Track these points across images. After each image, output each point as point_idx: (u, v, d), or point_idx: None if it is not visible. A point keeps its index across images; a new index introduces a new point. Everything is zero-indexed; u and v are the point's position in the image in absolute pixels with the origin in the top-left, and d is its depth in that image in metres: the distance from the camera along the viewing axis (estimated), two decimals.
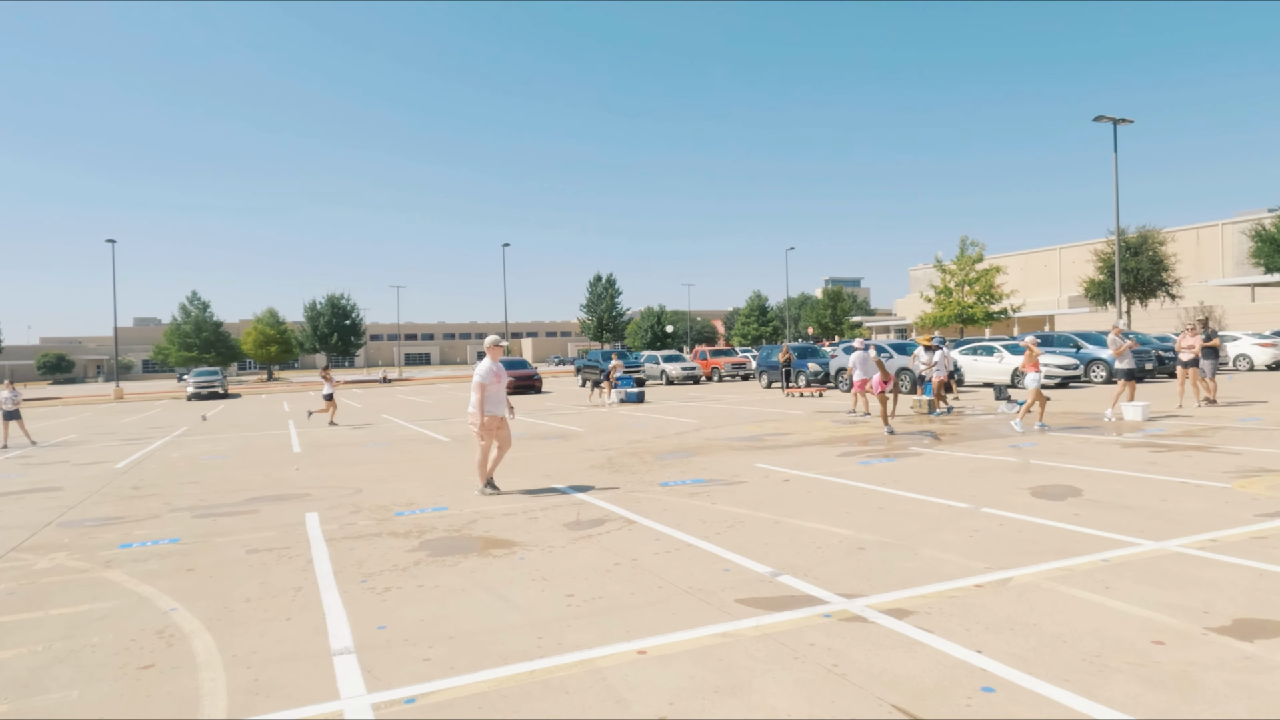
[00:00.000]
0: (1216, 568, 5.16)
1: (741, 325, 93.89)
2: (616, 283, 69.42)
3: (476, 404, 8.71)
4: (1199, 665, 3.67)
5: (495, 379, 8.87)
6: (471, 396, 8.78)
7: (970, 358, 25.04)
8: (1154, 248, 50.46)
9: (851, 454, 11.21)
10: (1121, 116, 31.04)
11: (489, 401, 8.79)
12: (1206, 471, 8.64)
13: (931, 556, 5.71)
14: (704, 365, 38.69)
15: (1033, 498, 7.65)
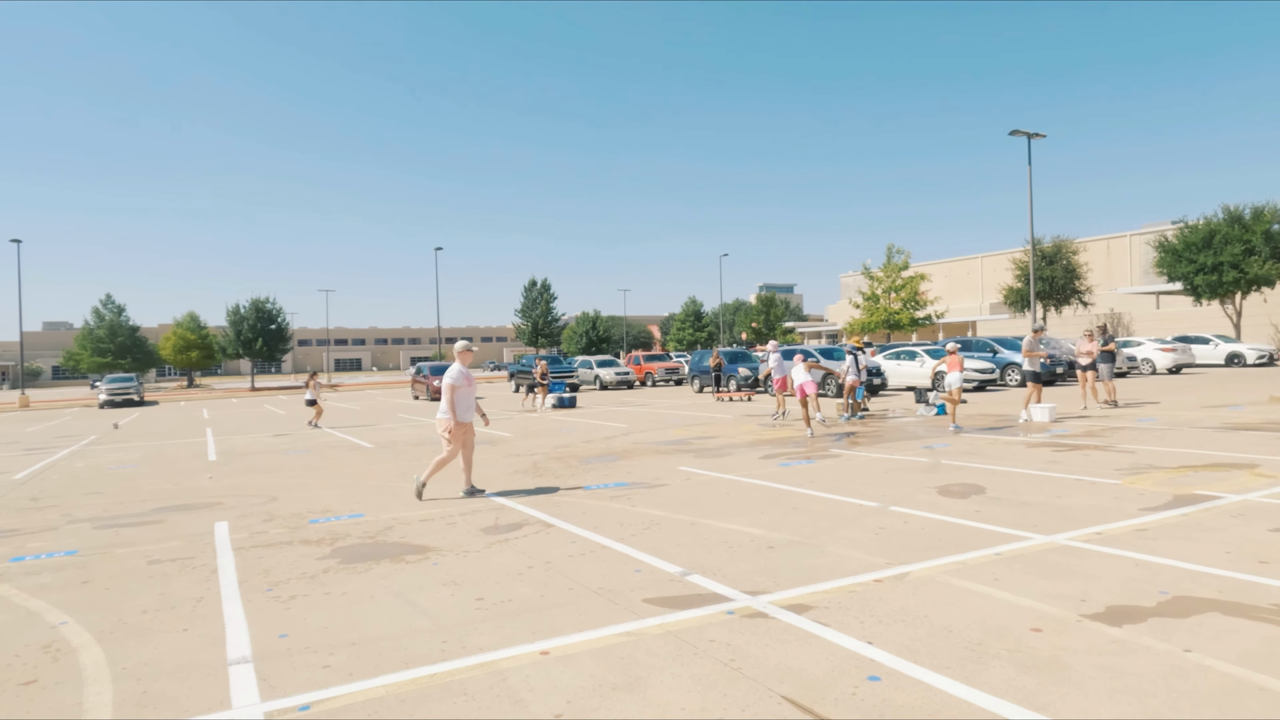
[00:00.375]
0: (1098, 559, 5.46)
1: (677, 330, 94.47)
2: (551, 288, 69.11)
3: (448, 407, 8.63)
4: (1071, 650, 3.89)
5: (466, 382, 8.86)
6: (443, 400, 8.70)
7: (894, 362, 25.77)
8: (1067, 257, 52.80)
9: (773, 456, 11.43)
10: (1035, 131, 32.42)
11: (460, 406, 8.75)
12: (1101, 469, 9.10)
13: (837, 554, 5.89)
14: (638, 370, 38.84)
15: (939, 496, 7.95)
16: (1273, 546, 5.59)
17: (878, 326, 50.82)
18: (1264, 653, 3.75)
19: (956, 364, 14.11)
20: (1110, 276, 69.13)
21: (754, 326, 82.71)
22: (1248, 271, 41.49)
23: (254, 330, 62.06)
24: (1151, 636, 4.02)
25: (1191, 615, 4.30)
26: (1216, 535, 5.95)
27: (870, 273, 51.49)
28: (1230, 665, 3.62)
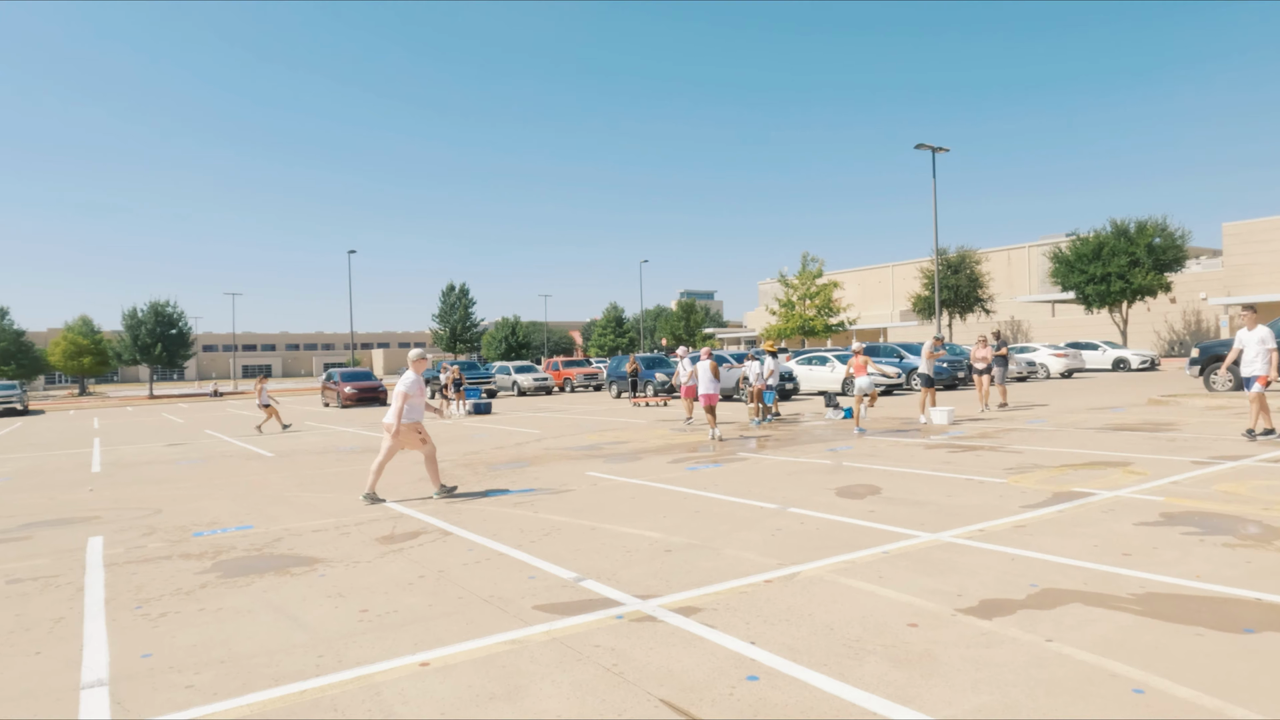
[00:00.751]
0: (978, 555, 5.67)
1: (599, 336, 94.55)
2: (470, 292, 68.16)
3: (396, 413, 8.75)
4: (942, 643, 4.01)
5: (419, 391, 9.01)
6: (392, 407, 8.82)
7: (805, 367, 26.35)
8: (971, 267, 55.08)
9: (682, 460, 11.50)
10: (939, 145, 33.74)
11: (411, 410, 8.92)
12: (990, 469, 9.49)
13: (733, 555, 5.95)
14: (556, 376, 38.63)
15: (836, 497, 8.13)
16: (1136, 540, 5.92)
17: (793, 332, 51.95)
18: (1118, 640, 3.95)
19: (861, 367, 14.52)
20: (1011, 285, 72.45)
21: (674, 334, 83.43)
22: (1132, 282, 44.15)
23: (153, 335, 59.08)
24: (1018, 628, 4.18)
25: (1057, 606, 4.50)
26: (1087, 530, 6.27)
27: (786, 280, 52.60)
28: (1086, 653, 3.80)
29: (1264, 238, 45.46)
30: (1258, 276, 45.63)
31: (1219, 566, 5.14)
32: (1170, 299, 49.35)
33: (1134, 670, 3.58)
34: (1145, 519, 6.56)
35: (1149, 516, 6.65)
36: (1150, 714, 3.17)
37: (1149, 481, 8.25)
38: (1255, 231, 45.95)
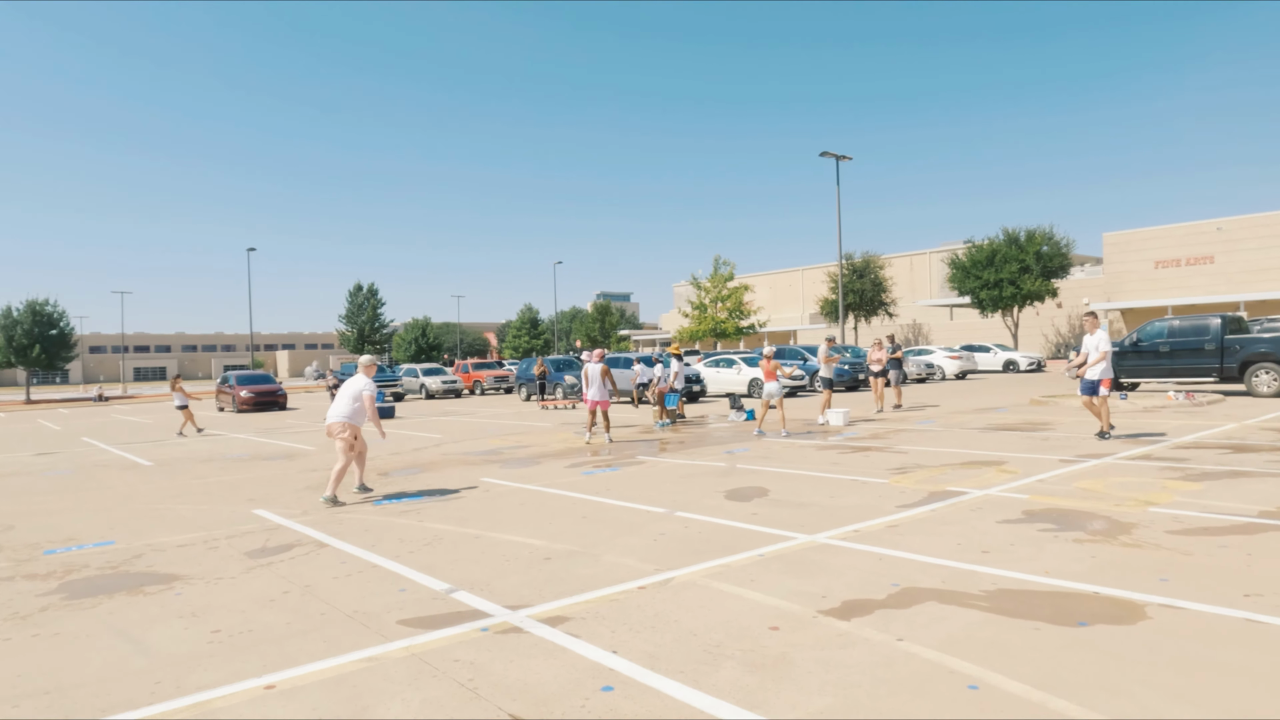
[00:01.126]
0: (849, 556, 5.82)
1: (513, 338, 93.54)
2: (379, 293, 66.29)
3: (371, 415, 9.14)
4: (799, 646, 4.09)
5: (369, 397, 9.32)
6: (366, 409, 9.13)
7: (713, 370, 26.68)
8: (875, 272, 56.97)
9: (580, 465, 11.45)
10: (843, 154, 34.76)
11: (357, 414, 9.18)
12: (875, 470, 9.79)
13: (612, 562, 5.93)
14: (466, 379, 37.99)
15: (725, 500, 8.23)
16: (997, 537, 6.18)
17: (706, 334, 52.62)
18: (963, 637, 4.11)
19: (771, 372, 14.75)
20: (914, 290, 75.27)
21: (589, 336, 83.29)
22: (1023, 288, 46.50)
23: (29, 336, 55.14)
24: (873, 628, 4.30)
25: (913, 605, 4.65)
26: (954, 528, 6.52)
27: (698, 283, 53.22)
28: (932, 652, 3.93)
29: (1139, 247, 48.57)
30: (1133, 283, 48.70)
31: (1067, 562, 5.42)
32: (1057, 304, 52.15)
33: (972, 667, 3.72)
34: (1008, 517, 6.87)
35: (1012, 514, 6.97)
36: (980, 710, 3.30)
37: (1018, 480, 8.65)
38: (1132, 241, 49.04)
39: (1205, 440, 11.18)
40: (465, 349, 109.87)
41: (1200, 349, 18.65)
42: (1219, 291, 44.81)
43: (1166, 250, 47.63)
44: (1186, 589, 4.73)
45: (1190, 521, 6.44)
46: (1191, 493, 7.58)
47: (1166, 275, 47.63)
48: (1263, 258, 43.73)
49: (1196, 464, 9.20)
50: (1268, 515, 6.53)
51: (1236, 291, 43.95)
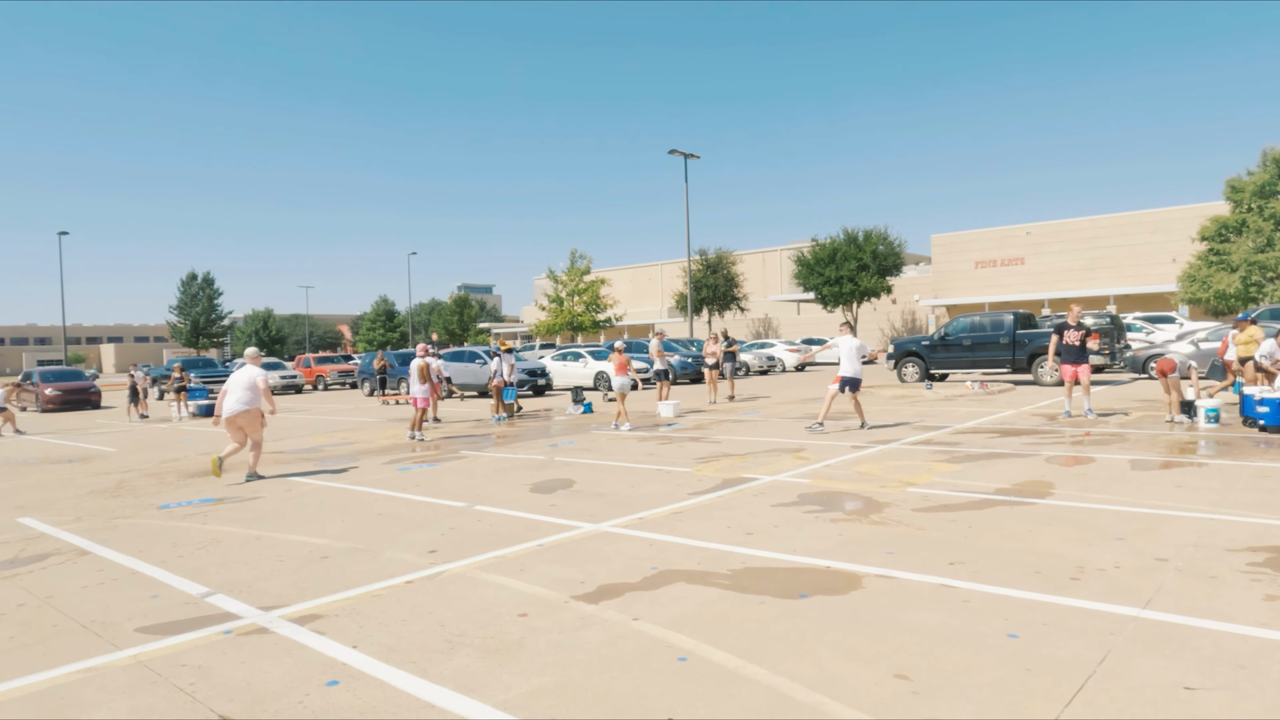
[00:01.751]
0: (625, 542, 6.07)
1: (367, 330, 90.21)
2: (215, 282, 62.05)
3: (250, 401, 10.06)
4: (539, 630, 4.26)
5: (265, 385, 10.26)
6: (246, 395, 10.02)
7: (560, 363, 26.81)
8: (728, 268, 58.85)
9: (400, 461, 11.26)
10: (691, 152, 35.68)
11: (255, 400, 10.10)
12: (684, 459, 10.20)
13: (390, 558, 5.91)
14: (307, 373, 36.32)
15: (529, 493, 8.35)
16: (766, 520, 6.63)
17: (563, 328, 52.67)
18: (694, 614, 4.41)
19: (622, 366, 14.97)
20: (766, 285, 78.33)
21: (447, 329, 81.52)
22: (860, 284, 49.39)
23: None
24: (615, 610, 4.53)
25: (662, 587, 4.93)
26: (731, 513, 6.93)
27: (555, 276, 53.18)
28: (659, 629, 4.20)
29: (963, 248, 52.72)
30: (958, 282, 52.84)
31: (816, 540, 5.89)
32: (892, 300, 55.76)
33: (690, 641, 4.01)
34: (784, 500, 7.37)
35: (789, 498, 7.47)
36: (680, 678, 3.57)
37: (808, 465, 9.27)
38: (957, 243, 53.16)
39: (982, 426, 12.35)
40: (317, 342, 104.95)
41: (997, 343, 20.51)
42: (1029, 290, 49.34)
43: (985, 252, 51.92)
44: (905, 560, 5.27)
45: (936, 500, 7.14)
46: (949, 473, 8.38)
47: (985, 274, 51.94)
48: (1064, 260, 48.48)
49: (964, 447, 10.16)
50: (1003, 492, 7.33)
51: (1044, 290, 48.55)
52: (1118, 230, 46.52)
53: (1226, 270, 28.39)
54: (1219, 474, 7.82)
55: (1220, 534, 5.61)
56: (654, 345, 17.66)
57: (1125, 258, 45.67)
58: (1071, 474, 8.10)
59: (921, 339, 22.19)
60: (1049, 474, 8.13)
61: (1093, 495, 7.04)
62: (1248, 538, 5.49)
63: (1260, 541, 5.38)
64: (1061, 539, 5.64)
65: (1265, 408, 10.44)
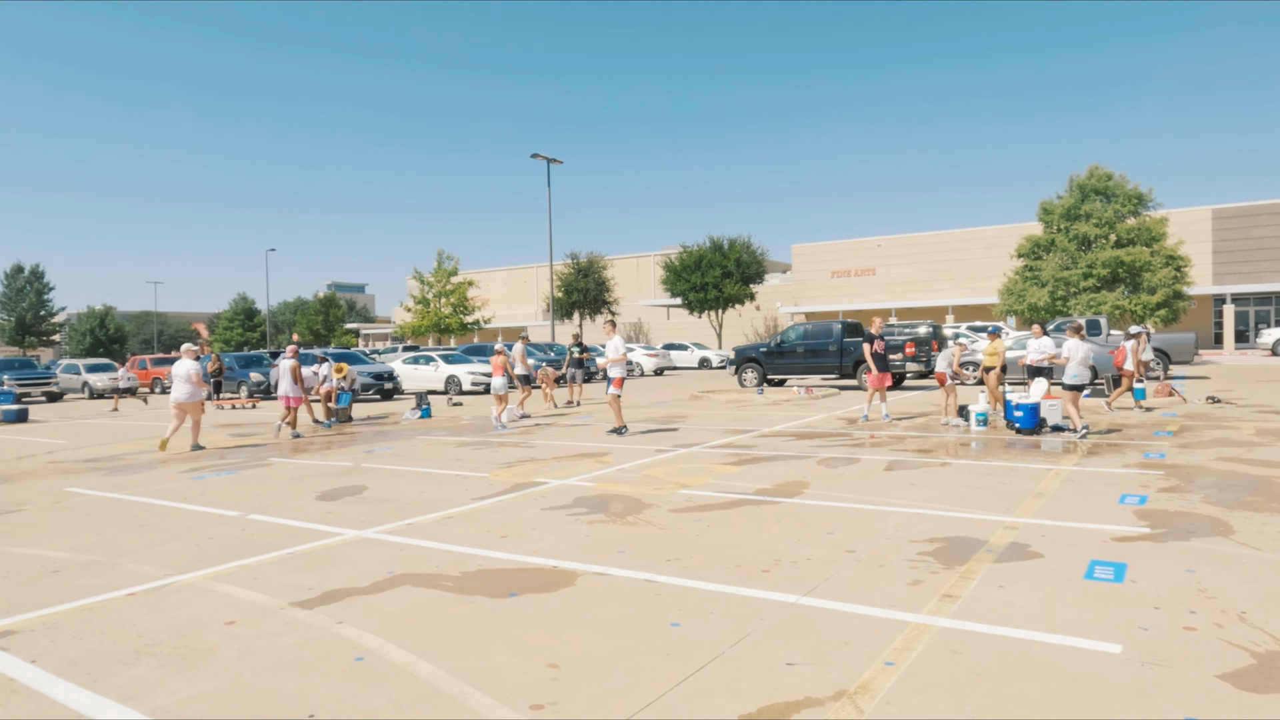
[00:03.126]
0: (378, 548, 6.19)
1: (224, 329, 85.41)
2: (45, 276, 57.19)
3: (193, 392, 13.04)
4: (237, 637, 4.34)
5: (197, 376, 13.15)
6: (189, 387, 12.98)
7: (410, 367, 26.39)
8: (598, 272, 59.34)
9: (199, 469, 10.89)
10: (554, 157, 35.89)
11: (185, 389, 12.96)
12: (489, 464, 10.38)
13: (128, 570, 5.81)
14: (142, 375, 34.09)
15: (313, 500, 8.31)
16: (529, 523, 6.90)
17: (429, 329, 51.70)
18: (401, 616, 4.60)
19: (500, 367, 15.11)
20: (639, 290, 79.42)
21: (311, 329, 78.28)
22: (725, 291, 50.96)
23: None
24: (326, 615, 4.67)
25: (387, 590, 5.10)
26: (499, 517, 7.16)
27: (422, 277, 52.16)
28: (356, 630, 4.37)
29: (820, 258, 55.34)
30: (816, 290, 55.41)
31: (562, 541, 6.21)
32: (756, 307, 57.80)
33: (377, 641, 4.21)
34: (558, 504, 7.68)
35: (563, 501, 7.79)
36: (346, 676, 3.76)
37: (604, 469, 9.64)
38: (815, 253, 55.74)
39: (787, 430, 13.15)
40: (168, 341, 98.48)
41: (827, 350, 21.75)
42: (880, 299, 52.34)
43: (841, 262, 54.69)
44: (629, 559, 5.65)
45: (698, 500, 7.63)
46: (726, 475, 8.94)
47: (840, 284, 54.70)
48: (912, 271, 51.71)
49: (757, 450, 10.83)
50: (762, 492, 7.91)
51: (893, 299, 51.62)
52: (957, 245, 50.08)
53: (1038, 285, 31.18)
54: (954, 472, 8.72)
55: (917, 527, 6.32)
56: (518, 349, 17.95)
57: (963, 271, 49.22)
58: (832, 474, 8.81)
59: (760, 346, 23.24)
60: (813, 474, 8.82)
61: (836, 494, 7.72)
62: (935, 530, 6.20)
63: (943, 533, 6.10)
64: (781, 535, 6.19)
65: (1020, 412, 11.65)
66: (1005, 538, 5.91)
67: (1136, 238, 30.53)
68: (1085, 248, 31.26)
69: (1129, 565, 5.12)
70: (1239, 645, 3.81)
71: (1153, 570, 5.01)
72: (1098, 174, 31.52)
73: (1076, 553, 5.44)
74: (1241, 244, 41.87)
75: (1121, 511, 6.62)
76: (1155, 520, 6.29)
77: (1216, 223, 42.53)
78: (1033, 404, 11.64)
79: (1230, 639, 3.89)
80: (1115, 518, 6.40)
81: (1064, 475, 8.33)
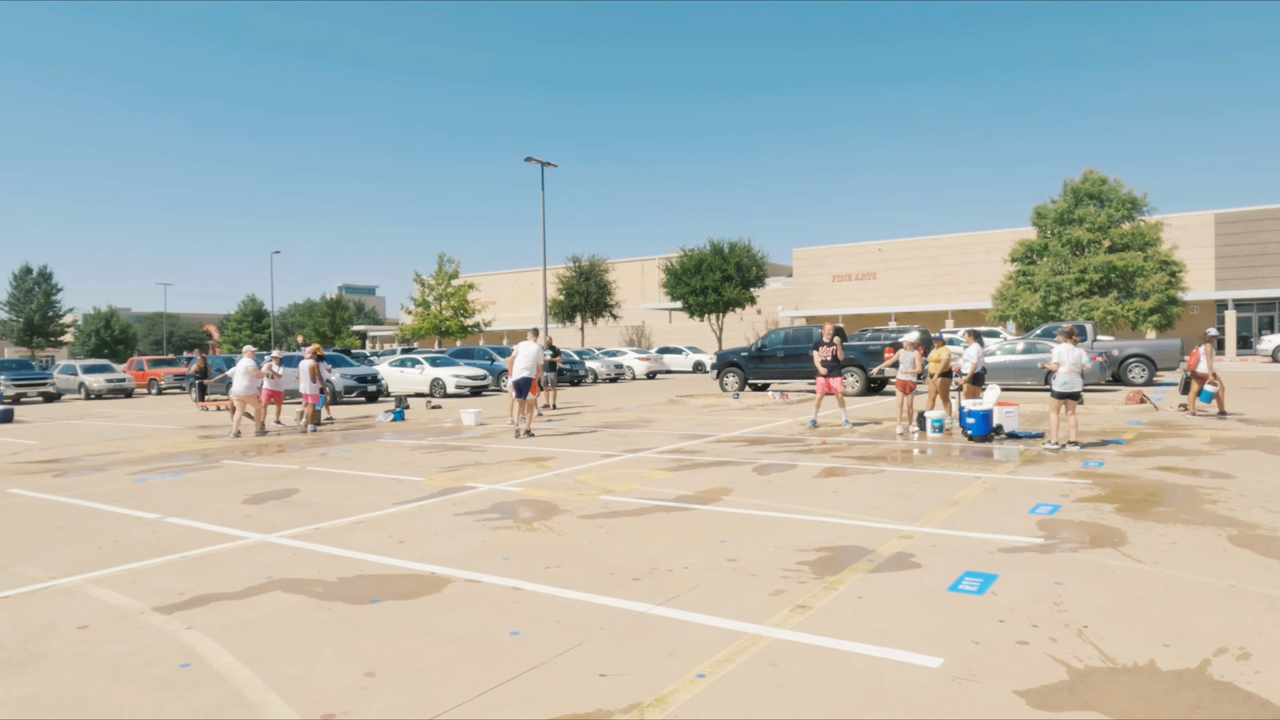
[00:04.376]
0: (272, 552, 6.21)
1: (232, 331, 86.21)
2: (53, 277, 57.91)
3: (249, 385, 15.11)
4: (80, 642, 4.36)
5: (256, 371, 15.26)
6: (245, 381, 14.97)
7: (396, 369, 26.50)
8: (600, 275, 59.44)
9: (150, 471, 10.97)
10: (548, 160, 35.94)
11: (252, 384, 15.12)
12: (432, 468, 10.39)
13: (15, 573, 5.85)
14: (139, 376, 34.49)
15: (240, 503, 8.35)
16: (434, 528, 6.90)
17: (429, 332, 51.93)
18: (252, 622, 4.61)
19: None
20: (644, 293, 79.44)
21: (317, 330, 78.77)
22: (724, 295, 50.89)
23: None
24: (182, 620, 4.68)
25: (256, 595, 5.12)
26: (407, 522, 7.17)
27: (422, 280, 52.41)
28: (200, 637, 4.38)
29: (821, 262, 55.16)
30: (817, 294, 55.22)
31: (454, 547, 6.21)
32: (757, 310, 57.63)
33: (213, 647, 4.22)
34: (474, 509, 7.67)
35: (479, 507, 7.78)
36: (162, 682, 3.76)
37: (541, 474, 9.63)
38: (816, 257, 55.57)
39: (743, 435, 13.10)
40: (178, 342, 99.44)
41: (807, 354, 21.63)
42: (880, 304, 52.08)
43: (842, 266, 54.49)
44: (509, 565, 5.64)
45: (614, 506, 7.60)
46: (655, 481, 8.92)
47: (841, 288, 54.50)
48: (912, 275, 51.43)
49: (701, 456, 10.78)
50: (682, 499, 7.87)
51: (893, 304, 51.35)
52: (958, 249, 49.78)
53: (1030, 290, 30.94)
54: (882, 480, 8.65)
55: (813, 535, 6.27)
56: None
57: (964, 275, 48.89)
58: (761, 481, 8.77)
59: (742, 350, 23.19)
60: (742, 481, 8.78)
61: (753, 501, 7.67)
62: (829, 538, 6.15)
63: (835, 542, 6.05)
64: (673, 543, 6.15)
65: (972, 419, 11.54)
66: (894, 547, 5.85)
67: (1131, 242, 30.23)
68: (1078, 252, 30.99)
69: (999, 576, 5.06)
70: (1061, 660, 3.76)
71: (1020, 582, 4.95)
72: (1092, 178, 31.25)
73: (955, 563, 5.38)
74: (1244, 249, 41.39)
75: (1026, 522, 6.55)
76: (1053, 530, 6.22)
77: (1219, 227, 42.07)
78: (984, 410, 11.53)
79: (1056, 654, 3.83)
80: (1016, 528, 6.33)
81: (990, 484, 8.25)
